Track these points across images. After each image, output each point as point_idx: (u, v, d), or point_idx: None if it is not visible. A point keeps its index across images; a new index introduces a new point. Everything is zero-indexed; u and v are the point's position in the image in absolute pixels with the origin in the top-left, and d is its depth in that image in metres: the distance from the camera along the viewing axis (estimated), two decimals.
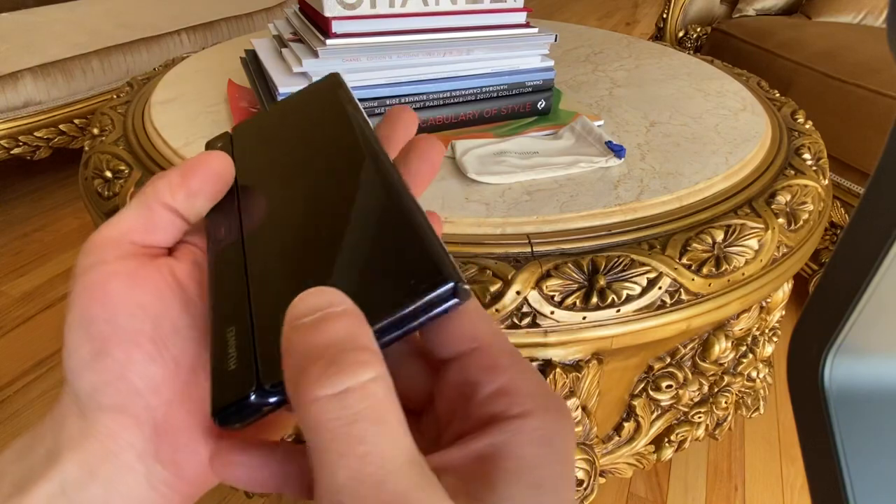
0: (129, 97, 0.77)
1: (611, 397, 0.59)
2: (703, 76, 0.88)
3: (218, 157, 0.21)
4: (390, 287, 0.16)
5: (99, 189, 0.60)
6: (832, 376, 0.25)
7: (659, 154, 0.64)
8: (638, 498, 0.86)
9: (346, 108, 0.22)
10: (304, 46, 0.60)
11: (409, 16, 0.60)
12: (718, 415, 0.70)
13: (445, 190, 0.56)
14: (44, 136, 1.41)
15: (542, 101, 0.70)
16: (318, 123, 0.23)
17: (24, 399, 0.97)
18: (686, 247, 0.51)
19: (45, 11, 1.52)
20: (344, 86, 0.23)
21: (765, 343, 0.68)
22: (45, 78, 1.37)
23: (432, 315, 0.16)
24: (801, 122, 0.77)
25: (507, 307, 0.47)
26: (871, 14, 1.48)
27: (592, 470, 0.54)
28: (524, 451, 0.15)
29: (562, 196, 0.55)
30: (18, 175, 1.63)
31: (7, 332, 1.10)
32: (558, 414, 0.15)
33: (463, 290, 0.15)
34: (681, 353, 0.60)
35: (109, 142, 0.65)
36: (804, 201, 0.60)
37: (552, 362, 0.50)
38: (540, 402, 0.15)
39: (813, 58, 1.24)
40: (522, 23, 0.66)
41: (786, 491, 0.87)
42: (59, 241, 1.37)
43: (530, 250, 0.50)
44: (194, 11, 1.68)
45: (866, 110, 1.09)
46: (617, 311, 0.48)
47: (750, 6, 1.61)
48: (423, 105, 0.64)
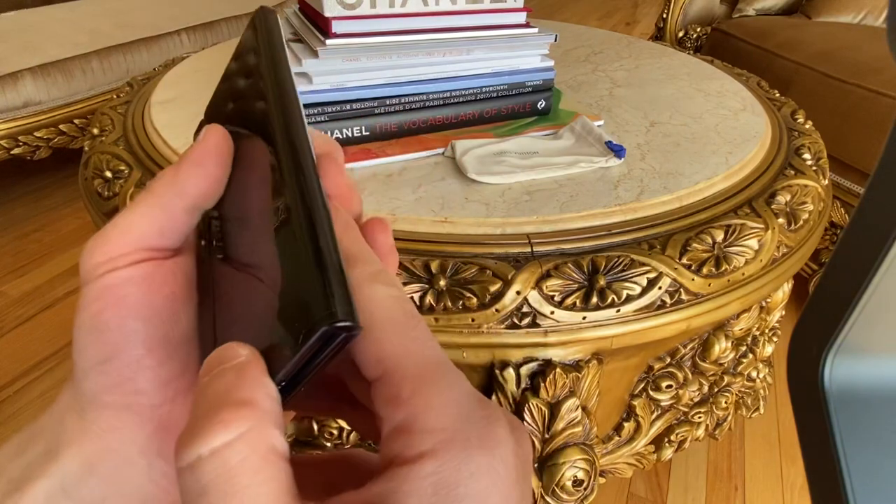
0: (128, 97, 0.77)
1: (611, 397, 0.59)
2: (703, 76, 0.88)
3: (221, 134, 0.19)
4: (280, 333, 0.14)
5: (99, 189, 0.60)
6: (832, 376, 0.25)
7: (659, 154, 0.64)
8: (638, 498, 0.86)
9: (273, 73, 0.20)
10: (304, 46, 0.60)
11: (409, 16, 0.60)
12: (718, 415, 0.70)
13: (445, 190, 0.56)
14: (44, 136, 1.41)
15: (542, 101, 0.70)
16: (249, 97, 0.20)
17: (24, 399, 0.97)
18: (686, 247, 0.51)
19: (45, 11, 1.52)
20: (275, 31, 0.21)
21: (765, 343, 0.68)
22: (44, 78, 1.37)
23: (326, 356, 0.14)
24: (801, 122, 0.77)
25: (507, 307, 0.47)
26: (871, 14, 1.48)
27: (592, 470, 0.54)
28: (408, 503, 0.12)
29: (562, 196, 0.55)
30: (18, 175, 1.63)
31: (7, 332, 1.10)
32: (474, 448, 0.13)
33: (346, 326, 0.13)
34: (681, 353, 0.60)
35: (109, 142, 0.65)
36: (804, 201, 0.61)
37: (552, 362, 0.50)
38: (445, 437, 0.13)
39: (813, 58, 1.24)
40: (522, 23, 0.66)
41: (786, 491, 0.87)
42: (59, 242, 1.37)
43: (530, 250, 0.50)
44: (194, 11, 1.68)
45: (866, 110, 1.09)
46: (617, 311, 0.48)
47: (750, 6, 1.61)
48: (423, 105, 0.64)
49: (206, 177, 0.18)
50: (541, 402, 0.50)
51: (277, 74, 0.20)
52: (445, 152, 0.62)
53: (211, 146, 0.19)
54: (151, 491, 0.18)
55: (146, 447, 0.17)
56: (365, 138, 0.63)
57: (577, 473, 0.53)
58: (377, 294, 0.15)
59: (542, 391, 0.50)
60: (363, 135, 0.62)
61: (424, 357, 0.14)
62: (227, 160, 0.19)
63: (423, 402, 0.13)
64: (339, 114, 0.60)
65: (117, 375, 0.17)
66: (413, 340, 0.15)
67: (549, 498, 0.53)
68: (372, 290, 0.15)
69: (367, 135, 0.63)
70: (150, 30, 1.57)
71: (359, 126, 0.62)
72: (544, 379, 0.49)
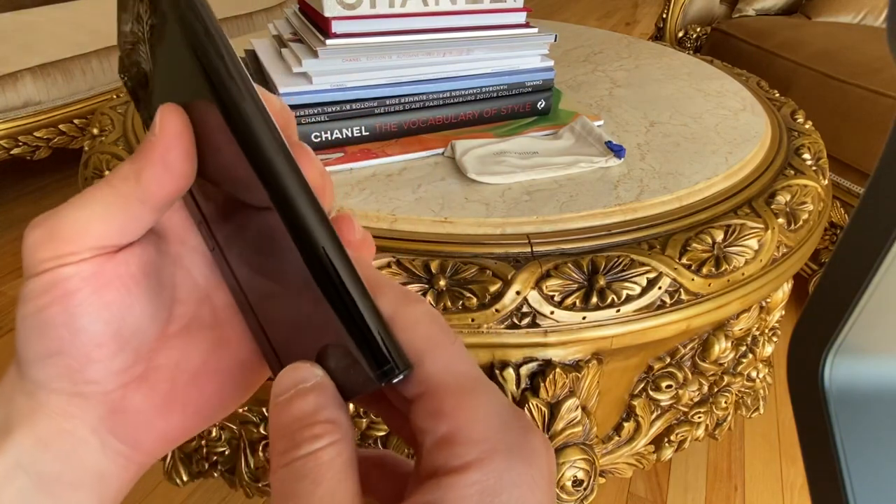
0: (128, 97, 0.77)
1: (611, 397, 0.59)
2: (702, 76, 0.88)
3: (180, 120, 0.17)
4: (342, 365, 0.16)
5: None
6: (832, 376, 0.25)
7: (659, 154, 0.64)
8: (638, 498, 0.86)
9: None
10: (303, 46, 0.60)
11: (408, 16, 0.60)
12: (718, 415, 0.70)
13: (445, 190, 0.56)
14: (43, 136, 1.41)
15: (542, 101, 0.70)
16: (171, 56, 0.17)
17: None
18: (686, 247, 0.51)
19: (45, 11, 1.51)
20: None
21: (765, 343, 0.68)
22: (44, 78, 1.37)
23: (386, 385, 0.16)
24: (800, 122, 0.77)
25: (507, 307, 0.47)
26: (871, 14, 1.48)
27: (592, 470, 0.54)
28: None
29: (561, 196, 0.55)
30: (18, 175, 1.63)
31: (6, 332, 1.10)
32: (515, 458, 0.14)
33: (403, 373, 0.15)
34: (681, 353, 0.60)
35: (109, 142, 0.65)
36: (804, 201, 0.61)
37: (552, 362, 0.50)
38: (488, 447, 0.14)
39: (813, 58, 1.24)
40: (522, 23, 0.66)
41: (786, 491, 0.87)
42: None
43: (530, 250, 0.50)
44: None
45: (866, 110, 1.09)
46: (617, 311, 0.48)
47: (750, 6, 1.61)
48: (423, 105, 0.64)
49: (172, 177, 0.17)
50: (541, 402, 0.50)
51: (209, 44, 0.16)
52: (445, 152, 0.62)
53: (172, 137, 0.17)
54: (108, 467, 0.18)
55: (98, 427, 0.17)
56: (365, 138, 0.63)
57: (577, 473, 0.53)
58: (412, 316, 0.16)
59: (542, 391, 0.50)
60: (363, 135, 0.62)
61: (463, 372, 0.15)
62: (191, 150, 0.17)
63: (465, 415, 0.14)
64: (339, 114, 0.60)
65: (65, 367, 0.17)
66: (452, 357, 0.16)
67: None
68: (407, 314, 0.16)
69: (367, 135, 0.63)
70: None
71: (359, 126, 0.62)
72: (544, 379, 0.49)
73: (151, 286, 0.18)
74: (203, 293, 0.20)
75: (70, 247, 0.16)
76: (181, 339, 0.19)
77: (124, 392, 0.18)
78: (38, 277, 0.16)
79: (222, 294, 0.20)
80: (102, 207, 0.16)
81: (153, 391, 0.18)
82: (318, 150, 0.61)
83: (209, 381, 0.19)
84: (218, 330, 0.20)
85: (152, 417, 0.18)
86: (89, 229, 0.16)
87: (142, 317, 0.18)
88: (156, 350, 0.19)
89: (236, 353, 0.20)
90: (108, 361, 0.17)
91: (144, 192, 0.16)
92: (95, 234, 0.16)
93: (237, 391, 0.20)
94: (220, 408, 0.20)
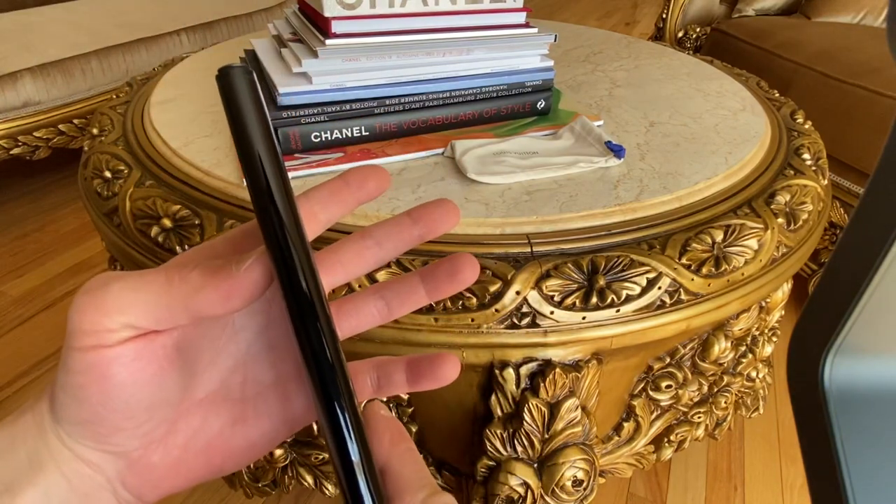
0: (128, 97, 0.77)
1: (610, 397, 0.59)
2: (702, 76, 0.88)
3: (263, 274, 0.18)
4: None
5: (98, 189, 0.60)
6: (832, 376, 0.25)
7: (658, 154, 0.64)
8: (638, 498, 0.86)
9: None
10: (303, 46, 0.60)
11: (408, 16, 0.60)
12: (718, 415, 0.70)
13: (445, 190, 0.56)
14: (43, 136, 1.41)
15: (542, 101, 0.70)
16: None
17: (22, 399, 0.97)
18: (686, 247, 0.51)
19: (45, 11, 1.51)
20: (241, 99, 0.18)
21: (764, 343, 0.68)
22: (44, 78, 1.37)
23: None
24: (800, 122, 0.77)
25: (507, 307, 0.47)
26: (870, 14, 1.48)
27: (592, 470, 0.54)
28: None
29: (561, 196, 0.55)
30: (18, 175, 1.63)
31: (6, 332, 1.10)
32: None
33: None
34: (680, 353, 0.60)
35: (109, 142, 0.65)
36: (804, 201, 0.61)
37: (552, 362, 0.50)
38: None
39: (812, 58, 1.24)
40: (522, 23, 0.66)
41: (786, 491, 0.87)
42: (58, 242, 1.37)
43: (530, 250, 0.50)
44: (194, 11, 1.68)
45: (866, 110, 1.09)
46: (616, 311, 0.48)
47: (749, 6, 1.61)
48: (423, 105, 0.64)
49: (224, 310, 0.18)
50: (540, 402, 0.50)
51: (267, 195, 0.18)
52: (445, 152, 0.62)
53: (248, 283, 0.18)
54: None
55: (114, 478, 0.19)
56: (365, 138, 0.63)
57: (577, 473, 0.53)
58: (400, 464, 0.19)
59: (542, 391, 0.50)
60: (363, 135, 0.62)
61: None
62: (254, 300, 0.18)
63: None
64: (339, 114, 0.60)
65: (94, 433, 0.18)
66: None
67: (548, 498, 0.53)
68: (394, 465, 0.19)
69: (367, 135, 0.63)
70: (150, 30, 1.57)
71: (359, 126, 0.62)
72: (544, 379, 0.49)
73: (186, 360, 0.20)
74: (240, 362, 0.21)
75: (109, 323, 0.17)
76: (205, 408, 0.21)
77: (145, 451, 0.20)
78: (81, 355, 0.17)
79: (257, 368, 0.21)
80: (149, 297, 0.17)
81: (167, 454, 0.20)
82: (317, 151, 0.61)
83: (216, 454, 0.21)
84: (240, 405, 0.21)
85: (160, 477, 0.20)
86: (129, 311, 0.17)
87: (173, 389, 0.19)
88: (180, 414, 0.20)
89: (248, 433, 0.21)
90: (135, 429, 0.19)
91: (195, 304, 0.17)
92: (134, 315, 0.17)
93: (234, 468, 0.21)
94: (212, 476, 0.21)
